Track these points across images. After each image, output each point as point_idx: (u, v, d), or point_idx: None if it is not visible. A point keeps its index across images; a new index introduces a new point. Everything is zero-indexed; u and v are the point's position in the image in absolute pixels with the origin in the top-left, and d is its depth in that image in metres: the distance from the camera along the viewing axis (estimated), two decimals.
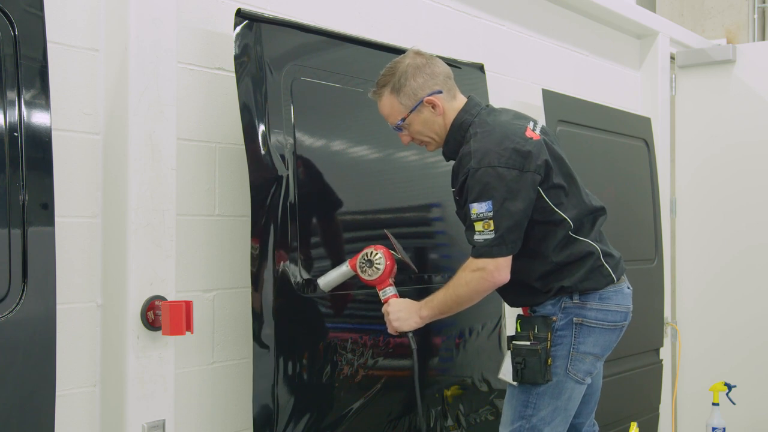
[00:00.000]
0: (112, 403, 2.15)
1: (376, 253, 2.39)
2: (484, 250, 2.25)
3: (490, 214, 2.21)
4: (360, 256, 2.41)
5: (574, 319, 2.35)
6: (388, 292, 2.43)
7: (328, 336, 2.49)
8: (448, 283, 2.37)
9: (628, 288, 2.48)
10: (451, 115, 2.39)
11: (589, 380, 2.42)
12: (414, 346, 2.45)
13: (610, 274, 2.38)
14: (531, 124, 2.37)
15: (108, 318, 2.16)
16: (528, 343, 2.32)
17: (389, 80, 2.36)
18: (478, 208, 2.23)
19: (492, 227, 2.22)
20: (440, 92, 2.36)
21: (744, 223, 4.62)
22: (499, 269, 2.26)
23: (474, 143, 2.28)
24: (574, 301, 2.35)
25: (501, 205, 2.22)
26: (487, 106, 2.46)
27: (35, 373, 1.86)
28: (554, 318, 2.35)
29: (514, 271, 2.32)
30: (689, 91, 4.84)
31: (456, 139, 2.38)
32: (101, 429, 2.16)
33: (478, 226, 2.24)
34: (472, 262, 2.28)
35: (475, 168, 2.24)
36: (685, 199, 4.82)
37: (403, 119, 2.37)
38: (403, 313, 2.38)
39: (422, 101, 2.34)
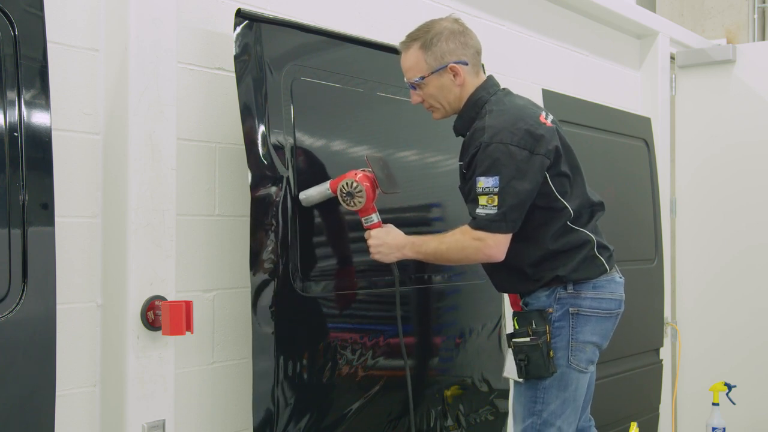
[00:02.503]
0: (112, 403, 2.15)
1: (357, 186, 2.34)
2: (485, 224, 2.26)
3: (496, 189, 2.23)
4: (340, 185, 2.36)
5: (570, 309, 2.36)
6: (372, 219, 2.41)
7: (328, 336, 2.49)
8: (442, 238, 2.37)
9: (621, 277, 2.50)
10: (469, 90, 2.40)
11: (592, 368, 2.44)
12: (396, 273, 2.46)
13: (603, 264, 2.41)
14: (544, 113, 2.40)
15: (108, 318, 2.16)
16: (528, 339, 2.33)
17: (422, 36, 2.37)
18: (484, 182, 2.25)
19: (496, 203, 2.24)
20: (466, 64, 2.37)
21: (744, 223, 4.62)
22: (498, 245, 2.28)
23: (489, 119, 2.30)
24: (569, 291, 2.37)
25: (508, 182, 2.23)
26: (504, 88, 2.48)
27: (35, 373, 1.86)
28: (550, 310, 2.37)
29: (508, 254, 2.34)
30: (689, 91, 4.84)
31: (470, 115, 2.40)
32: (101, 429, 2.16)
33: (482, 200, 2.25)
34: (472, 231, 2.29)
35: (486, 143, 2.26)
36: (685, 199, 4.82)
37: (422, 78, 2.37)
38: (384, 248, 2.40)
39: (446, 66, 2.35)
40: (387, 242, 2.40)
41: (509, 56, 3.65)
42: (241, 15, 2.33)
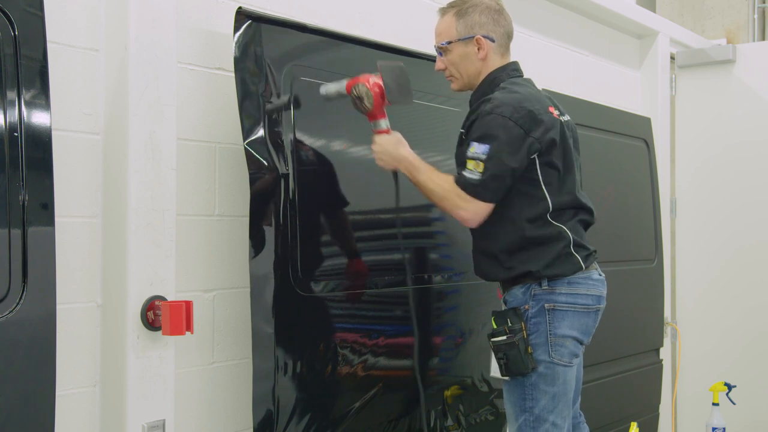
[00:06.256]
0: (112, 403, 2.15)
1: (366, 90, 2.36)
2: (467, 186, 2.31)
3: (484, 157, 2.28)
4: (353, 87, 2.38)
5: (546, 305, 2.38)
6: (380, 125, 2.43)
7: (328, 336, 2.49)
8: (434, 177, 2.39)
9: (600, 275, 2.50)
10: (490, 68, 2.46)
11: (576, 362, 2.45)
12: (396, 182, 2.49)
13: (579, 262, 2.41)
14: (557, 110, 2.44)
15: (108, 318, 2.16)
16: (505, 337, 2.35)
17: (459, 4, 2.46)
18: (476, 148, 2.30)
19: (481, 169, 2.29)
20: (493, 41, 2.44)
21: (744, 223, 4.62)
22: (475, 211, 2.33)
23: (497, 93, 2.37)
24: (543, 288, 2.38)
25: (496, 152, 2.28)
26: (527, 78, 2.52)
27: (35, 373, 1.86)
28: (526, 306, 2.39)
29: (483, 235, 2.40)
30: (689, 91, 4.84)
31: (484, 91, 2.45)
32: (101, 429, 2.16)
33: (470, 164, 2.31)
34: (457, 187, 2.33)
35: (487, 112, 2.32)
36: (685, 199, 4.82)
37: (449, 42, 2.44)
38: (386, 156, 2.44)
39: (473, 37, 2.42)
40: (388, 151, 2.44)
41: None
42: (241, 14, 2.33)
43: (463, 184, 2.32)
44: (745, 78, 4.68)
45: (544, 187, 2.36)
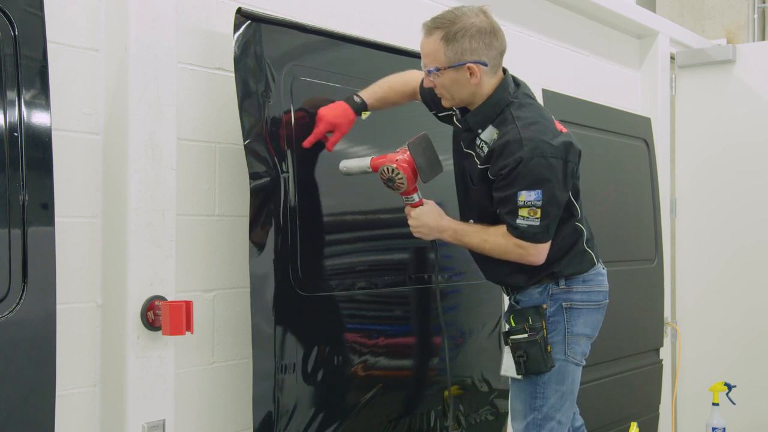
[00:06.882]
0: (112, 403, 2.15)
1: (397, 172, 2.36)
2: (528, 236, 2.29)
3: (539, 203, 2.25)
4: (381, 168, 2.37)
5: (563, 304, 2.40)
6: (413, 199, 2.44)
7: (328, 335, 2.49)
8: (485, 236, 2.38)
9: (604, 268, 2.53)
10: (485, 89, 2.36)
11: (584, 362, 2.47)
12: (437, 249, 2.53)
13: (592, 258, 2.45)
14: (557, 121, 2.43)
15: (108, 318, 2.16)
16: (525, 335, 2.36)
17: (447, 26, 2.29)
18: (527, 196, 2.26)
19: (538, 215, 2.26)
20: (485, 65, 2.32)
21: (744, 223, 4.62)
22: (539, 253, 2.32)
23: (523, 130, 2.27)
24: (561, 287, 2.40)
25: (550, 195, 2.26)
26: (519, 86, 2.45)
27: (35, 373, 1.86)
28: (545, 306, 2.40)
29: None
30: (689, 91, 4.84)
31: (487, 114, 2.37)
32: (101, 429, 2.16)
33: (523, 212, 2.27)
34: (513, 238, 2.31)
35: (528, 158, 2.24)
36: (685, 199, 4.82)
37: (438, 69, 2.32)
38: (424, 229, 2.44)
39: (464, 64, 2.30)
40: (427, 224, 2.43)
41: (509, 56, 3.62)
42: (241, 15, 2.33)
43: (521, 233, 2.29)
44: (745, 78, 4.68)
45: (574, 201, 2.39)
